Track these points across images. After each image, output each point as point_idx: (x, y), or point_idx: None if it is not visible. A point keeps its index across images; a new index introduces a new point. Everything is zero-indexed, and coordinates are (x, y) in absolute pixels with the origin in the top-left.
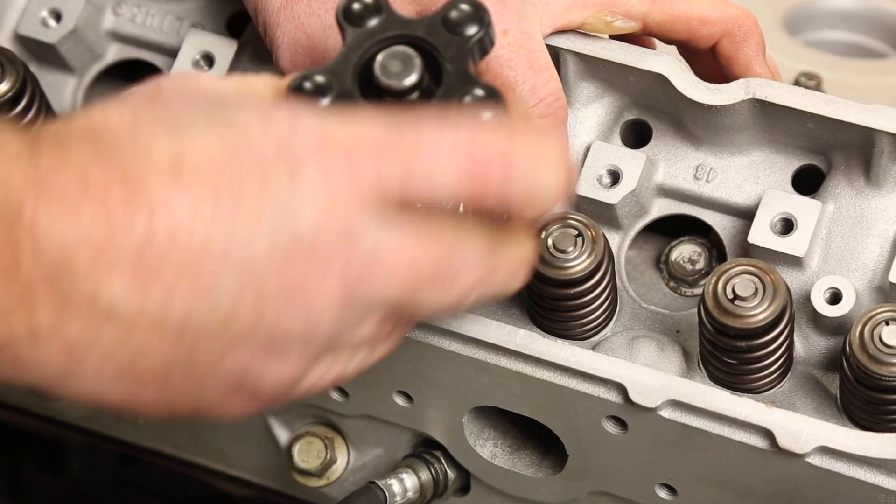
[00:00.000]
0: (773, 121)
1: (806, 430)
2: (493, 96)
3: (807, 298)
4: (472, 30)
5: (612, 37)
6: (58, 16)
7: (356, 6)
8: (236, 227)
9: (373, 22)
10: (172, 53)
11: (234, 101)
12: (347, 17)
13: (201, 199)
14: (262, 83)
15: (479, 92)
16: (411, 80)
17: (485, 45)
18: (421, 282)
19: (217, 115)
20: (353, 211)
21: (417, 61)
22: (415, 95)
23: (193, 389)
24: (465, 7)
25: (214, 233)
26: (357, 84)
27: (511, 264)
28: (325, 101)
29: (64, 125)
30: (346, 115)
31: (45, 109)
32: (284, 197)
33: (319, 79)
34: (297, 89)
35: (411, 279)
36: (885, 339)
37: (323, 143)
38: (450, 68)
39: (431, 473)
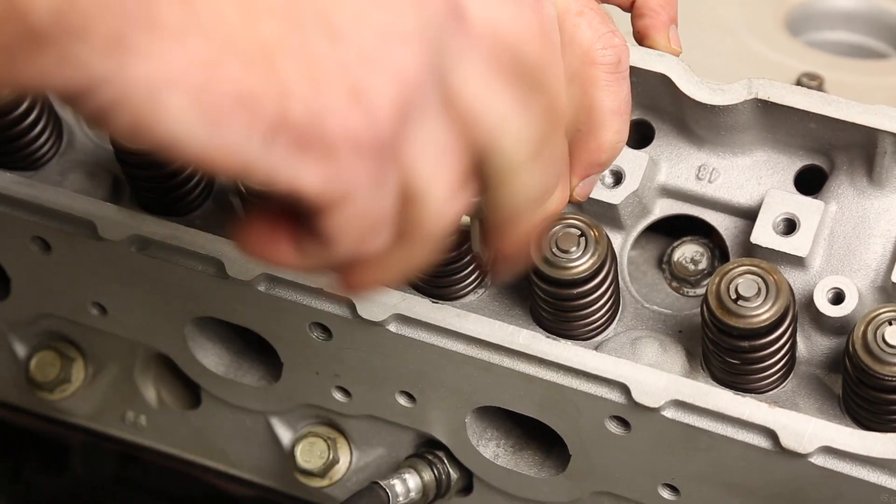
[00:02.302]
0: (775, 121)
1: (809, 430)
2: None
3: (809, 298)
4: None
5: None
6: None
7: None
8: None
9: None
10: None
11: None
12: None
13: None
14: None
15: None
16: None
17: None
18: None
19: None
20: None
21: None
22: None
23: (307, 91)
24: None
25: None
26: None
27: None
28: None
29: None
30: None
31: (49, 109)
32: None
33: None
34: None
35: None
36: (887, 339)
37: None
38: None
39: (434, 474)
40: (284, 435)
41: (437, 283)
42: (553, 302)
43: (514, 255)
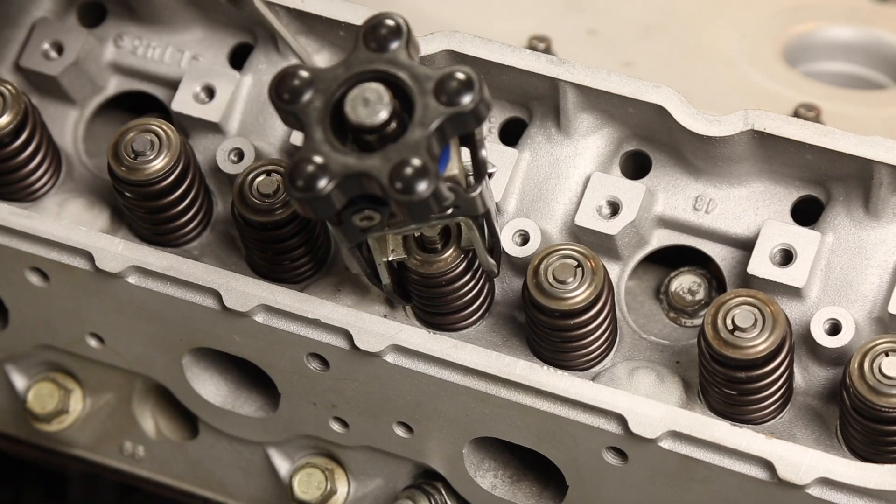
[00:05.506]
0: (772, 152)
1: (806, 461)
2: None
3: (806, 329)
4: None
5: None
6: (59, 48)
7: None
8: None
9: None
10: (173, 85)
11: None
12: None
13: None
14: None
15: None
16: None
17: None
18: None
19: None
20: None
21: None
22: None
23: None
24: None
25: None
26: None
27: None
28: (307, 97)
29: None
30: None
31: (47, 141)
32: None
33: (304, 74)
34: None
35: None
36: (884, 371)
37: None
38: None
39: None
40: (282, 465)
41: (435, 313)
42: (550, 332)
43: None
